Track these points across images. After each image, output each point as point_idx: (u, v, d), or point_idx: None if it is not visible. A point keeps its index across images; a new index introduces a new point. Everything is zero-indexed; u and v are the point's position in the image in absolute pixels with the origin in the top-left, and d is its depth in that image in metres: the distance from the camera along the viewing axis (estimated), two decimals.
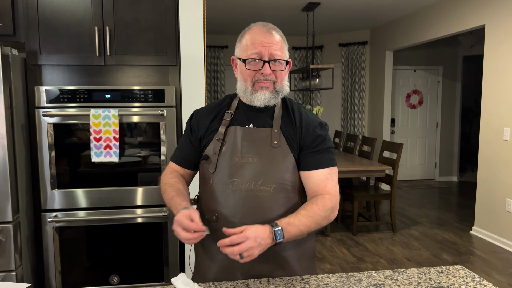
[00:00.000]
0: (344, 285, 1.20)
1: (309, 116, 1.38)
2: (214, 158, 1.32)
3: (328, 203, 1.26)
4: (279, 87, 1.32)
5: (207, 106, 1.44)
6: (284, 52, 1.30)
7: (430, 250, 4.02)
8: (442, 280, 1.23)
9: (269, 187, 1.29)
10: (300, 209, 1.23)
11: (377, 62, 6.73)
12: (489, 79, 4.29)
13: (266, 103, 1.31)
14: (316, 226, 1.23)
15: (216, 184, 1.31)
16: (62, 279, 2.36)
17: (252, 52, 1.27)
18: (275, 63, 1.28)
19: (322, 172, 1.31)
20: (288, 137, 1.33)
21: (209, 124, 1.38)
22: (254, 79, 1.29)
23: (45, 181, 2.29)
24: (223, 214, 1.30)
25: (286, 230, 1.15)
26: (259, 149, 1.31)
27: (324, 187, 1.30)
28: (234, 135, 1.32)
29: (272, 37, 1.27)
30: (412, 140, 7.25)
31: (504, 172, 4.08)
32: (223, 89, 7.00)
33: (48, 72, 2.31)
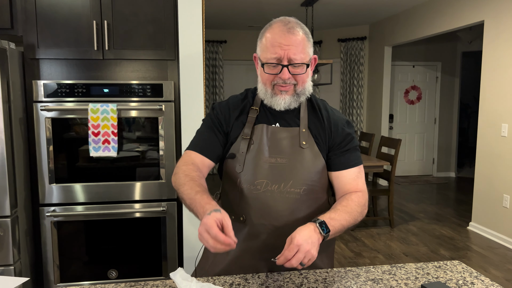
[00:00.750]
0: (342, 279, 1.20)
1: (336, 113, 1.35)
2: (242, 157, 1.28)
3: (362, 200, 1.27)
4: (300, 90, 1.26)
5: (230, 101, 1.37)
6: (306, 53, 1.23)
7: (428, 246, 4.04)
8: (440, 275, 1.24)
9: (299, 189, 1.26)
10: (337, 205, 1.22)
11: (376, 57, 6.72)
12: (487, 75, 4.29)
13: (286, 107, 1.26)
14: (353, 222, 1.22)
15: (244, 184, 1.28)
16: (61, 274, 2.37)
17: (270, 55, 1.21)
18: (295, 66, 1.21)
19: (353, 171, 1.30)
20: (317, 137, 1.30)
21: (235, 120, 1.32)
22: (273, 83, 1.24)
23: (43, 175, 2.29)
24: (251, 215, 1.27)
25: (329, 224, 1.12)
26: (288, 149, 1.27)
27: (356, 185, 1.30)
28: (261, 134, 1.28)
29: (292, 38, 1.19)
30: (410, 136, 7.26)
31: (501, 168, 4.09)
32: (221, 84, 6.99)
33: (46, 66, 2.30)
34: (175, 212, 2.41)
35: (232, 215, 1.31)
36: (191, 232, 2.41)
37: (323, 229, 1.10)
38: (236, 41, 7.08)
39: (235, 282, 1.19)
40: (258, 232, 1.28)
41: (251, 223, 1.28)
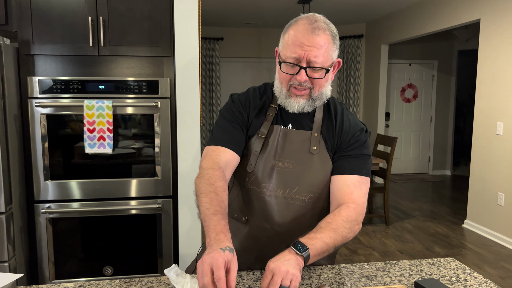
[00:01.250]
0: (336, 276, 1.20)
1: (351, 119, 1.27)
2: (254, 156, 1.24)
3: (352, 214, 1.15)
4: (316, 95, 1.20)
5: (250, 95, 1.30)
6: (328, 56, 1.15)
7: (423, 243, 4.06)
8: (434, 272, 1.24)
9: (304, 196, 1.23)
10: (321, 223, 1.11)
11: (373, 55, 6.73)
12: (483, 74, 4.30)
13: (300, 110, 1.21)
14: (342, 239, 1.11)
15: (250, 185, 1.25)
16: (56, 270, 2.36)
17: (290, 54, 1.14)
18: (314, 70, 1.15)
19: (351, 178, 1.20)
20: (327, 142, 1.24)
21: (254, 116, 1.27)
22: (289, 83, 1.18)
23: (38, 172, 2.28)
24: (254, 217, 1.26)
25: (307, 243, 1.02)
26: (297, 154, 1.23)
27: (350, 194, 1.19)
28: (275, 136, 1.24)
29: (315, 39, 1.11)
30: (406, 134, 7.28)
31: (496, 166, 4.11)
32: (218, 82, 6.98)
33: (41, 62, 2.29)
34: (170, 209, 2.41)
35: (235, 214, 1.31)
36: (186, 229, 2.41)
37: (299, 248, 1.00)
38: (233, 38, 7.06)
39: None
40: (259, 234, 1.27)
41: (253, 224, 1.27)
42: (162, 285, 1.14)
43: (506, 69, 3.99)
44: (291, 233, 1.17)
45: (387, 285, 1.15)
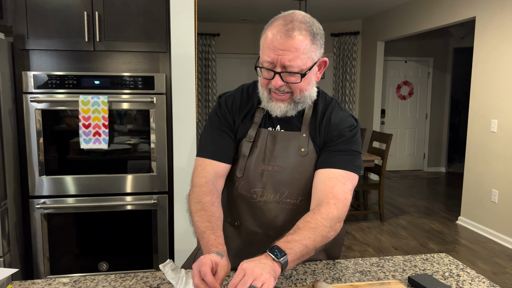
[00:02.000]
0: (330, 271, 1.21)
1: (341, 116, 1.21)
2: (243, 161, 1.21)
3: (333, 211, 1.08)
4: (299, 98, 1.14)
5: (237, 95, 1.26)
6: (307, 58, 1.07)
7: (417, 239, 4.08)
8: (427, 267, 1.26)
9: (295, 200, 1.21)
10: (299, 223, 1.05)
11: (369, 52, 6.74)
12: (478, 71, 4.32)
13: (282, 115, 1.16)
14: (322, 239, 1.04)
15: (241, 190, 1.23)
16: (51, 266, 2.36)
17: (265, 58, 1.09)
18: (290, 74, 1.08)
19: (334, 171, 1.14)
20: (315, 141, 1.20)
21: (242, 118, 1.23)
22: (268, 87, 1.13)
23: (33, 167, 2.27)
24: (246, 222, 1.25)
25: (284, 247, 0.96)
26: (286, 157, 1.19)
27: (331, 188, 1.12)
28: (263, 139, 1.20)
29: (290, 42, 1.04)
30: (402, 131, 7.31)
31: (490, 163, 4.14)
32: (214, 78, 6.97)
33: (36, 57, 2.27)
34: (166, 205, 2.41)
35: (228, 218, 1.30)
36: (182, 225, 2.41)
37: (276, 254, 0.93)
38: (229, 34, 7.05)
39: None
40: (253, 239, 1.27)
41: (246, 230, 1.26)
42: (157, 280, 1.15)
43: (500, 67, 4.01)
44: None
45: (381, 280, 1.16)
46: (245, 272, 0.88)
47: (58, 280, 1.15)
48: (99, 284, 1.13)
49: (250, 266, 0.89)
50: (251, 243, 1.26)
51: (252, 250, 1.23)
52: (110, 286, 1.12)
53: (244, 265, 0.89)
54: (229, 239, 1.28)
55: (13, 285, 1.11)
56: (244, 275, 0.87)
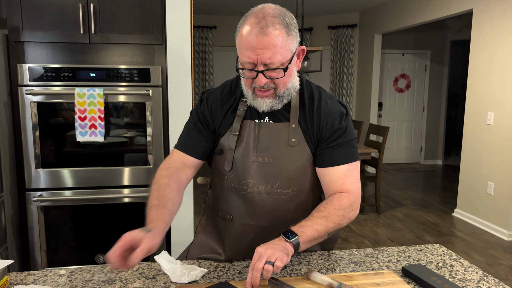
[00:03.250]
0: (325, 262, 1.22)
1: (328, 104, 1.22)
2: (230, 154, 1.22)
3: (345, 201, 1.15)
4: (283, 92, 1.15)
5: (220, 90, 1.28)
6: (286, 51, 1.08)
7: (413, 231, 4.11)
8: (421, 258, 1.27)
9: (286, 190, 1.21)
10: (313, 212, 1.13)
11: (366, 45, 6.73)
12: (475, 64, 4.32)
13: (269, 109, 1.17)
14: (335, 226, 1.12)
15: (231, 183, 1.24)
16: (48, 258, 2.37)
17: (245, 59, 1.09)
18: (272, 70, 1.09)
19: (340, 169, 1.19)
20: (306, 132, 1.21)
21: (225, 113, 1.24)
22: (252, 86, 1.14)
23: (29, 160, 2.27)
24: (238, 215, 1.25)
25: (298, 231, 1.05)
26: (275, 148, 1.20)
27: (342, 184, 1.19)
28: (249, 131, 1.21)
29: (265, 40, 1.05)
30: (399, 124, 7.32)
31: (486, 156, 4.16)
32: (211, 71, 6.95)
33: (31, 49, 2.26)
34: None
35: (220, 212, 1.30)
36: (178, 218, 2.42)
37: (288, 235, 1.03)
38: (226, 26, 7.02)
39: (220, 264, 1.20)
40: (246, 232, 1.26)
41: (238, 222, 1.26)
42: (153, 271, 1.16)
43: (497, 60, 4.01)
44: (277, 227, 1.16)
45: (375, 270, 1.17)
46: (260, 254, 0.98)
47: (54, 272, 1.15)
48: (95, 275, 1.13)
49: (263, 248, 0.99)
50: (244, 235, 1.26)
51: (245, 242, 1.24)
52: (106, 277, 1.12)
53: (258, 249, 0.99)
54: (222, 233, 1.29)
55: (10, 276, 1.11)
56: (259, 256, 0.97)
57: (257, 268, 0.95)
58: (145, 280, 1.10)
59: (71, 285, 1.08)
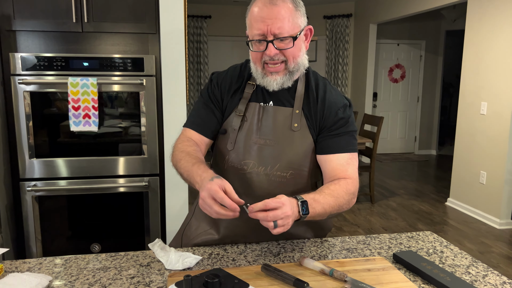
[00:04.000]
0: (318, 249, 1.24)
1: (333, 95, 1.26)
2: (233, 134, 1.24)
3: (351, 187, 1.18)
4: (293, 66, 1.17)
5: (229, 73, 1.31)
6: (294, 24, 1.13)
7: (407, 220, 4.15)
8: (412, 244, 1.29)
9: (285, 173, 1.23)
10: (324, 188, 1.14)
11: (361, 35, 6.72)
12: (469, 54, 4.33)
13: (279, 87, 1.19)
14: (338, 208, 1.14)
15: (231, 162, 1.26)
16: (43, 248, 2.37)
17: (254, 32, 1.13)
18: (282, 41, 1.12)
19: (343, 156, 1.22)
20: (309, 119, 1.23)
21: (232, 94, 1.26)
22: (262, 60, 1.16)
23: (23, 150, 2.26)
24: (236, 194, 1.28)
25: (311, 206, 1.05)
26: (278, 131, 1.22)
27: (345, 171, 1.21)
28: (254, 113, 1.24)
29: (275, 10, 1.10)
30: (393, 114, 7.34)
31: (479, 146, 4.20)
32: (206, 61, 6.91)
33: (23, 38, 2.24)
34: (157, 187, 2.42)
35: None
36: (173, 206, 2.43)
37: (303, 209, 1.03)
38: (221, 16, 6.97)
39: (214, 252, 1.22)
40: (242, 210, 1.28)
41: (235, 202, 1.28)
42: (147, 258, 1.17)
43: (491, 49, 4.03)
44: None
45: (367, 257, 1.19)
46: (282, 207, 0.97)
47: (49, 260, 1.16)
48: (90, 263, 1.14)
49: (287, 205, 0.98)
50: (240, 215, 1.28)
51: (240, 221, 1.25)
52: (101, 265, 1.13)
53: (284, 200, 0.98)
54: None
55: (4, 264, 1.12)
56: (279, 208, 0.97)
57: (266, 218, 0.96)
58: (140, 267, 1.11)
59: (66, 272, 1.09)
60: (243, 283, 0.91)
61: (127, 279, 1.05)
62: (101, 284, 1.02)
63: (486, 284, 1.04)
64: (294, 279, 0.97)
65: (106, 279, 1.05)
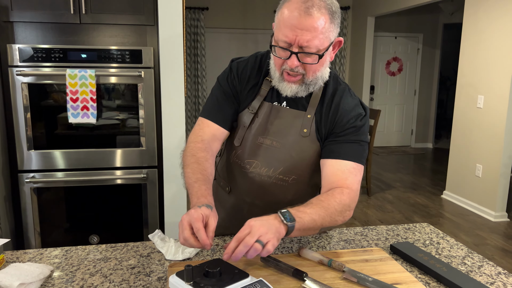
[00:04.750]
0: (316, 240, 1.25)
1: (349, 103, 1.17)
2: (242, 131, 1.22)
3: (345, 198, 1.07)
4: (310, 80, 1.11)
5: (250, 64, 1.23)
6: (325, 39, 1.04)
7: (403, 213, 4.18)
8: (409, 236, 1.30)
9: (288, 178, 1.21)
10: (312, 200, 1.05)
11: (359, 28, 6.70)
12: (466, 47, 4.34)
13: (293, 95, 1.14)
14: (330, 220, 1.03)
15: (236, 158, 1.24)
16: (42, 240, 2.38)
17: (281, 37, 1.04)
18: (306, 55, 1.05)
19: (345, 164, 1.12)
20: (319, 125, 1.17)
21: (250, 89, 1.21)
22: (282, 68, 1.10)
23: (21, 142, 2.26)
24: (237, 190, 1.27)
25: (295, 215, 0.97)
26: (286, 135, 1.18)
27: (344, 179, 1.11)
28: (266, 112, 1.19)
29: (308, 21, 1.00)
30: (390, 107, 7.36)
31: (476, 139, 4.22)
32: (203, 53, 6.89)
33: (21, 29, 2.23)
34: (156, 179, 2.43)
35: (221, 181, 1.33)
36: (172, 198, 2.44)
37: (286, 217, 0.95)
38: (219, 8, 6.93)
39: (214, 242, 1.23)
40: (241, 207, 1.30)
41: (235, 196, 1.29)
42: (147, 249, 1.18)
43: (488, 43, 4.04)
44: (271, 208, 1.15)
45: (364, 248, 1.20)
46: (252, 229, 0.90)
47: (49, 250, 1.17)
48: (90, 254, 1.15)
49: (257, 224, 0.91)
50: (238, 209, 1.30)
51: (239, 215, 1.27)
52: (101, 255, 1.14)
53: (252, 222, 0.92)
54: (221, 202, 1.32)
55: (5, 255, 1.13)
56: (250, 232, 0.90)
57: (247, 244, 0.88)
58: (140, 258, 1.12)
59: (67, 263, 1.10)
60: (243, 273, 0.92)
61: (128, 269, 1.06)
62: (102, 274, 1.03)
63: (481, 275, 1.06)
64: (293, 269, 0.99)
65: (107, 269, 1.06)
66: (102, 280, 1.00)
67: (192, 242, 0.91)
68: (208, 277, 0.89)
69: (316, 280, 0.97)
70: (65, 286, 0.98)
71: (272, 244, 0.90)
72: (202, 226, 0.91)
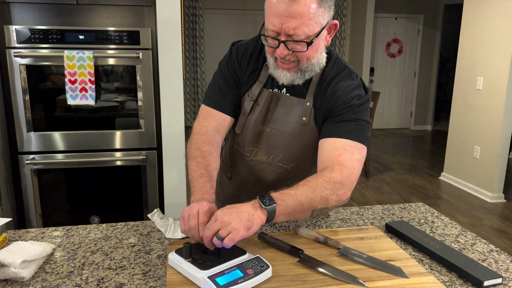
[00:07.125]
0: (312, 219, 1.28)
1: (347, 86, 1.13)
2: (243, 118, 1.20)
3: (336, 175, 1.01)
4: (306, 66, 1.08)
5: (250, 48, 1.20)
6: (314, 24, 0.99)
7: (400, 194, 4.22)
8: (404, 215, 1.33)
9: (287, 165, 1.21)
10: (299, 182, 1.01)
11: (359, 9, 6.64)
12: (467, 28, 4.31)
13: (289, 83, 1.12)
14: (321, 200, 0.98)
15: (237, 145, 1.25)
16: (43, 221, 2.41)
17: (269, 26, 1.02)
18: (294, 43, 1.02)
19: (341, 141, 1.07)
20: (318, 111, 1.15)
21: (249, 75, 1.19)
22: (274, 55, 1.09)
23: (20, 124, 2.27)
24: (237, 176, 1.29)
25: (278, 198, 0.93)
26: (286, 122, 1.17)
27: (337, 156, 1.05)
28: (266, 99, 1.18)
29: (294, 8, 0.96)
30: (390, 89, 7.34)
31: (474, 121, 4.23)
32: (202, 34, 6.83)
33: (18, 10, 2.21)
34: (155, 160, 2.44)
35: (223, 167, 1.35)
36: (171, 179, 2.46)
37: (265, 201, 0.91)
38: None
39: None
40: (240, 193, 1.32)
41: (235, 182, 1.31)
42: (147, 228, 1.20)
43: (489, 25, 4.01)
44: None
45: (360, 226, 1.23)
46: (216, 219, 0.88)
47: (51, 229, 1.19)
48: (91, 233, 1.18)
49: (221, 214, 0.88)
50: (237, 195, 1.32)
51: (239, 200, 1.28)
52: (102, 234, 1.17)
53: (217, 212, 0.90)
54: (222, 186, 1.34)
55: (8, 233, 1.15)
56: (215, 221, 0.88)
57: (207, 235, 0.87)
58: (140, 236, 1.15)
59: (69, 241, 1.12)
60: (241, 250, 0.95)
61: (128, 247, 1.08)
62: (103, 252, 1.06)
63: (474, 252, 1.08)
64: (289, 247, 1.01)
65: (107, 247, 1.08)
66: (103, 258, 1.03)
67: (195, 233, 0.91)
68: (207, 254, 0.92)
69: (312, 256, 0.99)
70: (67, 263, 1.00)
71: (235, 234, 0.85)
72: (206, 222, 0.91)
